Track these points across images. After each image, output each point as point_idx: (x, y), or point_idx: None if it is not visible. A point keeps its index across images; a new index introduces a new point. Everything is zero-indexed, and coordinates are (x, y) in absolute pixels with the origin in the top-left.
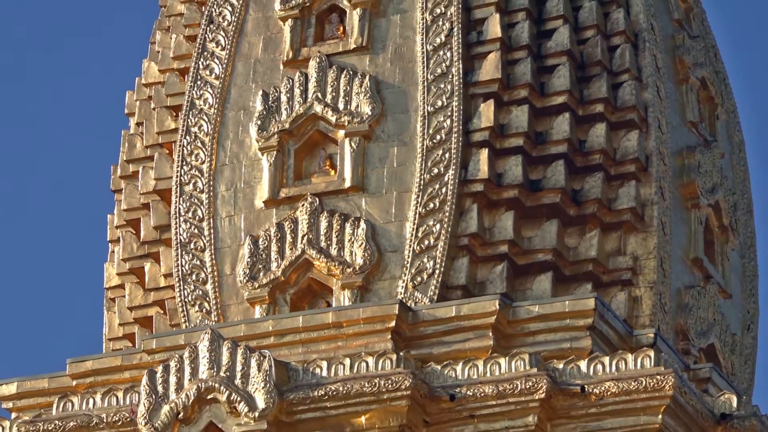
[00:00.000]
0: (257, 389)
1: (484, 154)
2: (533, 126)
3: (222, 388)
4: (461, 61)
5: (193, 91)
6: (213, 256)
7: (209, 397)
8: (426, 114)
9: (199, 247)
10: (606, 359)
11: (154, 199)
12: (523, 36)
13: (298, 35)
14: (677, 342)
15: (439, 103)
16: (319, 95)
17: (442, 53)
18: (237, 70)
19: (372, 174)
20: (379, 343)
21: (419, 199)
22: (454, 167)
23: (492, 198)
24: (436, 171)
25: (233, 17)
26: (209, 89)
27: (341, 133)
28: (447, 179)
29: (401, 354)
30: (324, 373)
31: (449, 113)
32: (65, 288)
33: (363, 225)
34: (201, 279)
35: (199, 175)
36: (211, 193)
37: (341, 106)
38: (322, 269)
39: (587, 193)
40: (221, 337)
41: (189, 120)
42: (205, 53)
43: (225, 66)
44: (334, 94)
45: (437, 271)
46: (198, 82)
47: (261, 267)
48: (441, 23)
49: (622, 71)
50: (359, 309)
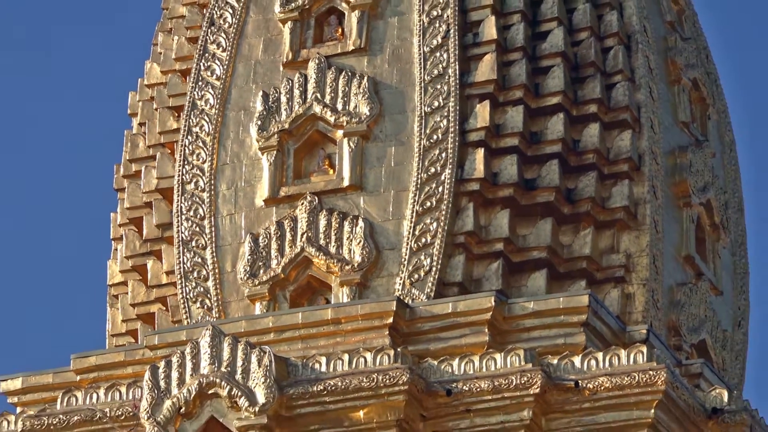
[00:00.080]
0: (257, 384)
1: (480, 153)
2: (528, 126)
3: (223, 383)
4: (457, 63)
5: (195, 92)
6: (214, 253)
7: (210, 392)
8: (423, 114)
9: (201, 245)
10: (599, 355)
11: (156, 198)
12: (518, 38)
13: (297, 37)
14: (669, 338)
15: (436, 104)
16: (318, 96)
17: (438, 55)
18: (237, 71)
19: (370, 173)
20: (377, 339)
21: (416, 198)
22: (450, 166)
23: (488, 196)
24: (432, 170)
25: (234, 19)
26: (210, 90)
27: (340, 133)
28: (444, 178)
29: (399, 350)
30: (323, 369)
31: (446, 113)
32: (69, 285)
33: (361, 223)
34: (202, 276)
35: (201, 174)
36: (213, 192)
37: (340, 106)
38: (321, 266)
39: (581, 192)
40: (222, 333)
41: (190, 120)
42: (207, 55)
43: (226, 67)
44: (332, 94)
45: (434, 269)
46: (199, 82)
47: (261, 264)
48: (438, 25)
49: (615, 72)
50: (357, 305)
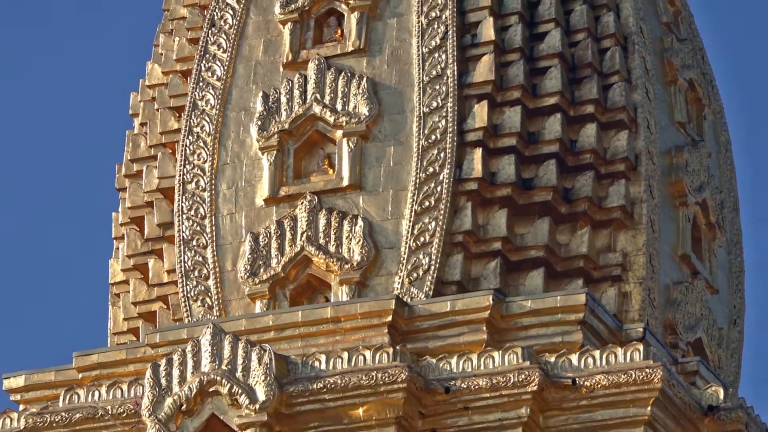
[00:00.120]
0: (258, 382)
1: (478, 153)
2: (526, 126)
3: (224, 380)
4: (456, 63)
5: (196, 93)
6: (215, 252)
7: (211, 390)
8: (422, 114)
9: (202, 244)
10: (596, 353)
11: (157, 198)
12: (516, 39)
13: (297, 38)
14: (665, 336)
15: (435, 104)
16: (318, 96)
17: (437, 55)
18: (238, 72)
19: (369, 173)
20: (376, 337)
21: (415, 197)
22: (449, 166)
23: (486, 196)
24: (431, 170)
25: (234, 21)
26: (211, 90)
27: (339, 133)
28: (442, 178)
29: (398, 348)
30: (323, 367)
31: (444, 114)
32: (71, 284)
33: (360, 222)
34: (203, 275)
35: (202, 174)
36: (213, 192)
37: (339, 107)
38: (320, 265)
39: (578, 192)
40: (223, 332)
41: (191, 120)
42: (207, 56)
43: (226, 68)
44: (332, 95)
45: (432, 268)
46: (200, 83)
47: (261, 263)
48: (436, 26)
49: (612, 73)
50: (357, 304)
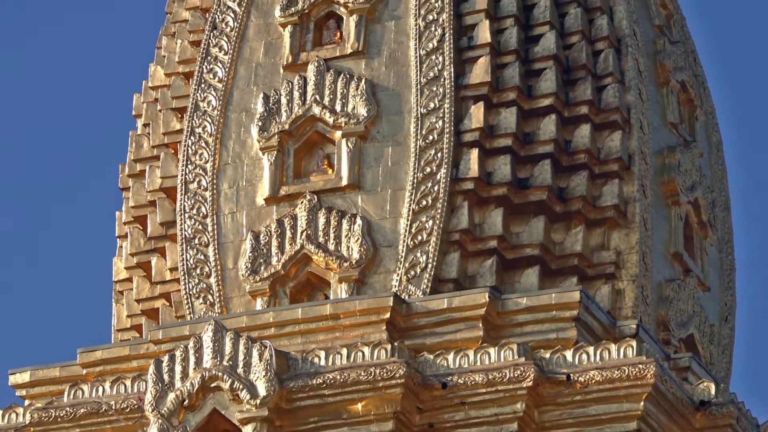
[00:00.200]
0: (258, 378)
1: (474, 153)
2: (521, 127)
3: (225, 376)
4: (452, 65)
5: (198, 94)
6: (216, 251)
7: (213, 385)
8: (419, 115)
9: (203, 243)
10: (590, 349)
11: (160, 197)
12: (512, 41)
13: (297, 40)
14: (658, 332)
15: (432, 105)
16: (318, 98)
17: (434, 57)
18: (239, 73)
19: (368, 173)
20: (375, 334)
21: (413, 197)
22: (445, 166)
23: (482, 195)
24: (428, 170)
25: (235, 23)
26: (213, 92)
27: (338, 134)
28: (439, 178)
29: (396, 344)
30: (322, 363)
31: (441, 115)
32: (76, 281)
33: (359, 221)
34: (205, 273)
35: (203, 174)
36: (215, 191)
37: (338, 108)
38: (320, 263)
39: (573, 191)
40: (224, 328)
41: (193, 121)
42: (209, 58)
43: (228, 70)
44: (331, 96)
45: (430, 265)
46: (202, 85)
47: (262, 261)
48: (433, 29)
49: (605, 75)
50: (356, 301)
